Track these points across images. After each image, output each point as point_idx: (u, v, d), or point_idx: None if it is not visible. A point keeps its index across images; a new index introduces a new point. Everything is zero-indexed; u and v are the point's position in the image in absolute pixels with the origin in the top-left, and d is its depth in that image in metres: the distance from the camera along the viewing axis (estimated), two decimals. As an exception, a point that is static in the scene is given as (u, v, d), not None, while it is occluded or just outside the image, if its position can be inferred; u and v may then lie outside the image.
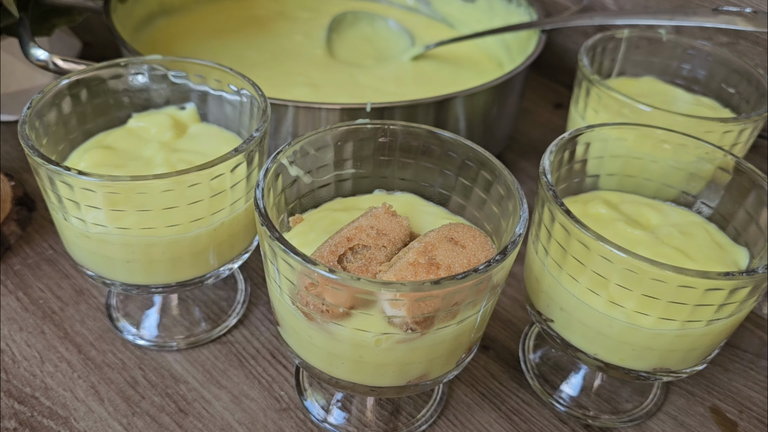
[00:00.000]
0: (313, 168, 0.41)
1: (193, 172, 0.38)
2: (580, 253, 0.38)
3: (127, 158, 0.45)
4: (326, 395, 0.47)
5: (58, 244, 0.56)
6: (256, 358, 0.49)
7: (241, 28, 0.76)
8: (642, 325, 0.38)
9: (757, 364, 0.51)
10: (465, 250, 0.34)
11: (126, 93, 0.48)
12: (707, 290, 0.35)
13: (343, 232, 0.35)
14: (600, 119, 0.54)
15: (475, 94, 0.57)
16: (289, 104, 0.54)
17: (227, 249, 0.44)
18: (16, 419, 0.44)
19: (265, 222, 0.33)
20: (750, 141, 0.53)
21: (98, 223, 0.39)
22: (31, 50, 0.57)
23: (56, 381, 0.46)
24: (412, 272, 0.33)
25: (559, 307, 0.41)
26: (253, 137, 0.40)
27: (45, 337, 0.49)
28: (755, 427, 0.47)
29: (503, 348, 0.51)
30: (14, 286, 0.53)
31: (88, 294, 0.53)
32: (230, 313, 0.52)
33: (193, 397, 0.46)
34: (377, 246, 0.35)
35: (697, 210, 0.46)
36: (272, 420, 0.45)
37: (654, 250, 0.40)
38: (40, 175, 0.39)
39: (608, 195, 0.47)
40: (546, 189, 0.39)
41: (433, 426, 0.46)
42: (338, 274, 0.30)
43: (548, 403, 0.47)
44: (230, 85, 0.47)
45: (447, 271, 0.33)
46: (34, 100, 0.42)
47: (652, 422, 0.47)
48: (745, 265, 0.42)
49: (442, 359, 0.37)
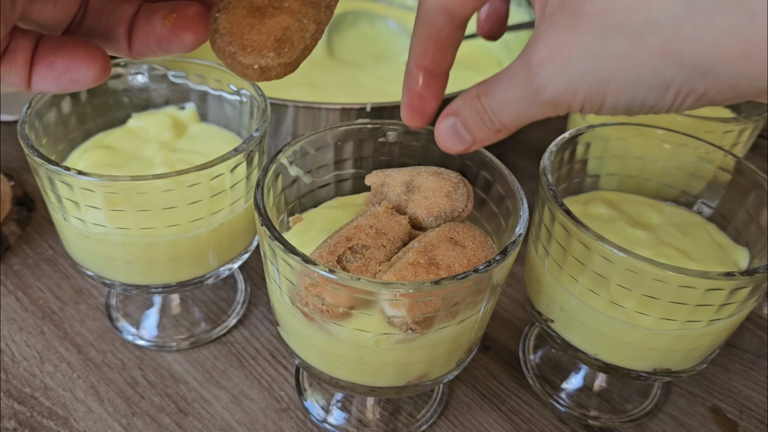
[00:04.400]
0: (313, 168, 0.41)
1: (193, 172, 0.38)
2: (580, 253, 0.38)
3: (127, 158, 0.45)
4: (326, 395, 0.46)
5: (57, 244, 0.56)
6: (256, 358, 0.49)
7: (241, 28, 0.76)
8: (642, 325, 0.38)
9: (757, 364, 0.51)
10: (465, 250, 0.34)
11: (126, 93, 0.48)
12: (707, 290, 0.35)
13: (342, 232, 0.35)
14: (600, 119, 0.54)
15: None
16: (289, 104, 0.54)
17: (227, 249, 0.44)
18: (16, 419, 0.44)
19: (265, 222, 0.33)
20: (750, 141, 0.53)
21: (98, 223, 0.39)
22: (31, 50, 0.56)
23: (56, 381, 0.46)
24: (412, 272, 0.33)
25: (560, 307, 0.41)
26: (253, 137, 0.40)
27: (45, 338, 0.49)
28: (755, 427, 0.47)
29: (503, 348, 0.51)
30: (14, 286, 0.53)
31: (87, 294, 0.53)
32: (230, 313, 0.52)
33: (193, 398, 0.46)
34: (376, 245, 0.35)
35: (698, 210, 0.46)
36: (272, 420, 0.45)
37: (654, 250, 0.40)
38: (40, 175, 0.39)
39: (608, 195, 0.47)
40: (546, 189, 0.39)
41: (433, 426, 0.46)
42: (338, 274, 0.30)
43: (548, 403, 0.47)
44: (230, 84, 0.47)
45: (447, 271, 0.33)
46: (33, 100, 0.42)
47: (652, 422, 0.47)
48: (746, 265, 0.42)
49: (442, 359, 0.37)
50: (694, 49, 0.23)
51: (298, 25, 0.29)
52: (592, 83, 0.25)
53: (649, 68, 0.24)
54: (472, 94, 0.31)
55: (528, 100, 0.28)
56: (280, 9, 0.29)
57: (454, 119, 0.32)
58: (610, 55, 0.25)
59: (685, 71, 0.24)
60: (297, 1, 0.29)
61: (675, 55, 0.24)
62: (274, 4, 0.29)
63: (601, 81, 0.25)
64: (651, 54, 0.24)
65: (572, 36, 0.26)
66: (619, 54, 0.25)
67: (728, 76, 0.23)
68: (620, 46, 0.24)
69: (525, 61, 0.27)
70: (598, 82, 0.25)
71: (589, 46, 0.25)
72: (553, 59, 0.26)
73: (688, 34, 0.23)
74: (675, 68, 0.24)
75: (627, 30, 0.24)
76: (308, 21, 0.30)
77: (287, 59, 0.29)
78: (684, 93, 0.24)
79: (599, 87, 0.25)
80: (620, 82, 0.25)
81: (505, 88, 0.29)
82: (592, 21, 0.25)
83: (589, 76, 0.25)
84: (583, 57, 0.25)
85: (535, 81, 0.27)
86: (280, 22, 0.29)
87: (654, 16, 0.24)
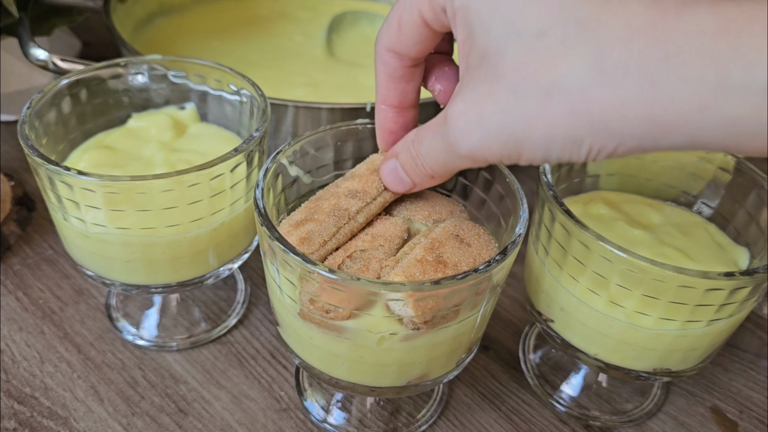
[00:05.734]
0: (313, 168, 0.41)
1: (193, 172, 0.38)
2: (580, 253, 0.38)
3: (127, 158, 0.45)
4: (326, 395, 0.46)
5: (57, 244, 0.56)
6: (256, 358, 0.49)
7: (241, 28, 0.76)
8: (642, 325, 0.38)
9: (757, 364, 0.51)
10: (470, 249, 0.34)
11: (126, 93, 0.48)
12: (707, 290, 0.35)
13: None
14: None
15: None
16: (289, 104, 0.54)
17: (227, 249, 0.44)
18: (16, 419, 0.44)
19: (265, 222, 0.33)
20: (750, 141, 0.53)
21: (98, 223, 0.39)
22: (31, 50, 0.57)
23: (56, 381, 0.46)
24: (420, 269, 0.33)
25: (560, 307, 0.41)
26: (253, 137, 0.40)
27: (45, 337, 0.49)
28: (755, 427, 0.47)
29: (503, 348, 0.51)
30: (14, 286, 0.53)
31: (87, 294, 0.53)
32: (230, 313, 0.52)
33: (193, 398, 0.46)
34: (374, 247, 0.35)
35: (698, 210, 0.46)
36: (272, 420, 0.45)
37: (654, 250, 0.40)
38: (40, 175, 0.39)
39: (608, 195, 0.47)
40: (546, 189, 0.39)
41: (433, 426, 0.46)
42: (338, 275, 0.30)
43: (548, 403, 0.47)
44: (230, 85, 0.47)
45: (454, 270, 0.33)
46: (33, 100, 0.42)
47: (652, 422, 0.47)
48: (746, 265, 0.42)
49: (442, 359, 0.37)
50: (601, 111, 0.24)
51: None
52: (507, 140, 0.26)
53: (561, 127, 0.25)
54: (409, 139, 0.32)
55: (447, 151, 0.29)
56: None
57: (395, 162, 0.34)
58: (522, 114, 0.25)
59: (595, 131, 0.24)
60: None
61: (584, 116, 0.24)
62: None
63: (516, 138, 0.26)
64: (562, 114, 0.25)
65: (488, 92, 0.26)
66: (530, 113, 0.25)
67: (633, 137, 0.24)
68: (531, 105, 0.25)
69: (444, 113, 0.28)
70: (513, 140, 0.26)
71: (502, 103, 0.26)
72: (468, 114, 0.27)
73: (594, 97, 0.24)
74: (586, 128, 0.24)
75: (537, 90, 0.25)
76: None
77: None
78: (596, 149, 0.25)
79: (514, 144, 0.26)
80: (534, 140, 0.26)
81: (432, 137, 0.30)
82: (505, 78, 0.25)
83: (504, 134, 0.26)
84: (496, 114, 0.26)
85: (451, 134, 0.28)
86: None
87: (561, 77, 0.24)
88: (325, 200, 0.36)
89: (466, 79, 0.28)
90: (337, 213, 0.35)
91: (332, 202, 0.36)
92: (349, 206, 0.35)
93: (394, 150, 0.34)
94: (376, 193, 0.36)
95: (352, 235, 0.36)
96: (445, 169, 0.31)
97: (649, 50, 0.23)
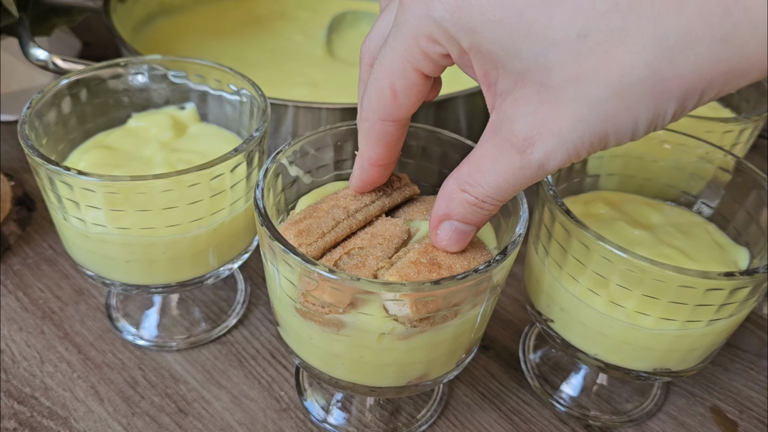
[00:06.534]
0: (313, 168, 0.41)
1: (193, 172, 0.38)
2: (580, 253, 0.38)
3: (127, 158, 0.45)
4: (326, 395, 0.46)
5: (57, 244, 0.56)
6: (256, 358, 0.49)
7: (241, 28, 0.76)
8: (642, 325, 0.38)
9: (757, 364, 0.51)
10: (464, 252, 0.34)
11: (126, 93, 0.48)
12: (707, 290, 0.35)
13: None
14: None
15: (475, 94, 0.57)
16: (289, 104, 0.54)
17: (227, 249, 0.44)
18: (16, 419, 0.44)
19: (265, 222, 0.33)
20: (750, 141, 0.53)
21: (98, 223, 0.39)
22: (31, 50, 0.56)
23: (56, 381, 0.46)
24: (414, 271, 0.33)
25: (559, 307, 0.41)
26: (253, 137, 0.40)
27: (45, 337, 0.49)
28: (755, 427, 0.47)
29: (503, 348, 0.51)
30: (14, 286, 0.53)
31: (87, 294, 0.53)
32: (230, 314, 0.52)
33: (193, 398, 0.46)
34: (372, 245, 0.35)
35: (698, 210, 0.46)
36: (272, 420, 0.45)
37: (654, 250, 0.40)
38: (40, 175, 0.39)
39: (608, 195, 0.47)
40: (546, 189, 0.39)
41: (433, 426, 0.46)
42: (338, 274, 0.30)
43: (548, 403, 0.47)
44: (230, 85, 0.47)
45: (448, 271, 0.33)
46: (33, 100, 0.42)
47: (652, 422, 0.47)
48: (746, 265, 0.42)
49: (442, 359, 0.37)
50: (679, 83, 0.24)
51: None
52: (592, 142, 0.26)
53: (644, 111, 0.25)
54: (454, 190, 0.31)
55: (529, 177, 0.28)
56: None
57: (450, 223, 0.32)
58: (602, 116, 0.25)
59: (677, 99, 0.24)
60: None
61: (665, 93, 0.24)
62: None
63: (600, 137, 0.26)
64: (641, 99, 0.24)
65: (553, 110, 0.26)
66: (608, 113, 0.25)
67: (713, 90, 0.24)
68: (608, 106, 0.25)
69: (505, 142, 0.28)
70: (597, 139, 0.26)
71: (576, 114, 0.25)
72: (543, 136, 0.26)
73: (669, 74, 0.24)
74: (669, 101, 0.24)
75: (607, 91, 0.24)
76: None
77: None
78: (680, 111, 0.25)
79: (599, 141, 0.26)
80: (619, 131, 0.26)
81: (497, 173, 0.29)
82: (566, 90, 0.25)
83: (587, 139, 0.26)
84: (575, 126, 0.26)
85: (534, 159, 0.27)
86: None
87: (629, 70, 0.24)
88: (324, 203, 0.36)
89: (508, 105, 0.27)
90: (335, 210, 0.36)
91: (331, 203, 0.36)
92: (348, 205, 0.36)
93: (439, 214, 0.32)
94: (375, 198, 0.37)
95: (350, 231, 0.36)
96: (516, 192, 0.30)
97: (707, 8, 0.22)
